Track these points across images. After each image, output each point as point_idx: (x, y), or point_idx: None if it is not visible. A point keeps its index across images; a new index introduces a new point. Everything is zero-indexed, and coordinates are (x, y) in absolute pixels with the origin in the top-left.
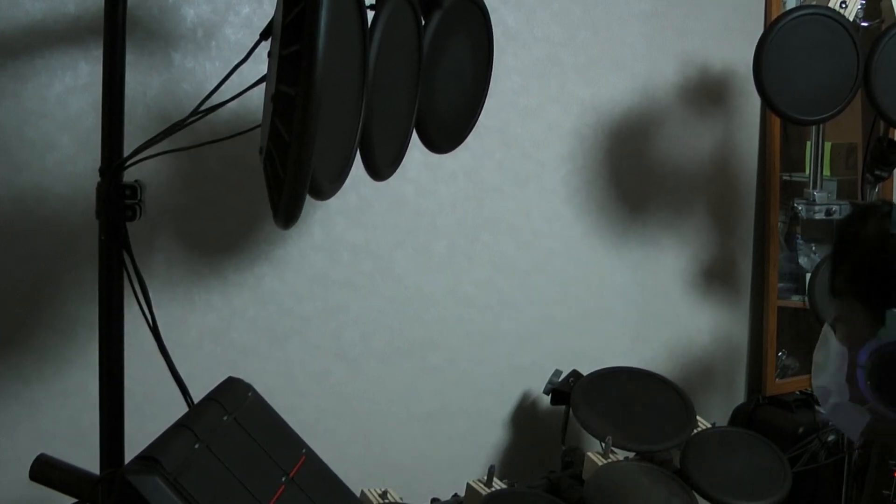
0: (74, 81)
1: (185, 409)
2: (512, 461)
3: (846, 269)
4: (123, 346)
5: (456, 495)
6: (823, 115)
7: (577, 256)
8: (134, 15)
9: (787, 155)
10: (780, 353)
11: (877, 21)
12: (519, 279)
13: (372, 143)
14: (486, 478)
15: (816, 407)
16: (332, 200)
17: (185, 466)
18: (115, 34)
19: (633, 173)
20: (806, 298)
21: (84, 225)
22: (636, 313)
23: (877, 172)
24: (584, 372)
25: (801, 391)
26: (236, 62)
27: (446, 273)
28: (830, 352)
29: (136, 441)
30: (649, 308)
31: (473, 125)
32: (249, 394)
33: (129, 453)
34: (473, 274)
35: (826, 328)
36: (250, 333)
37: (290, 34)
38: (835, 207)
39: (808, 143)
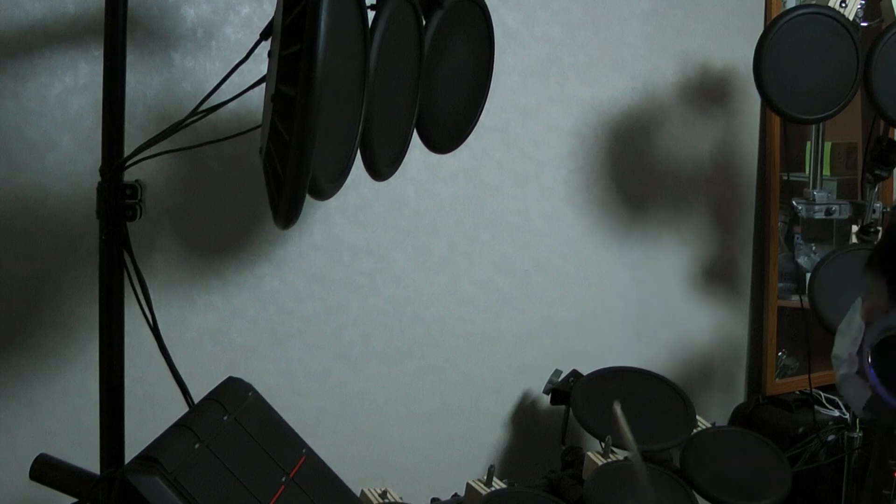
0: (74, 81)
1: (185, 409)
2: (512, 461)
3: (882, 244)
4: (123, 346)
5: (456, 495)
6: (823, 115)
7: (578, 256)
8: (134, 15)
9: (787, 155)
10: (780, 353)
11: (877, 20)
12: (519, 279)
13: (372, 143)
14: (486, 478)
15: (816, 407)
16: (332, 200)
17: (185, 466)
18: (115, 34)
19: (634, 173)
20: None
21: (84, 225)
22: (636, 313)
23: (877, 172)
24: (584, 372)
25: (801, 391)
26: (236, 62)
27: (446, 273)
28: (853, 322)
29: (136, 441)
30: (649, 308)
31: (474, 125)
32: (249, 394)
33: (129, 453)
34: (473, 274)
35: (858, 300)
36: (250, 333)
37: (291, 34)
38: (835, 207)
39: (808, 143)
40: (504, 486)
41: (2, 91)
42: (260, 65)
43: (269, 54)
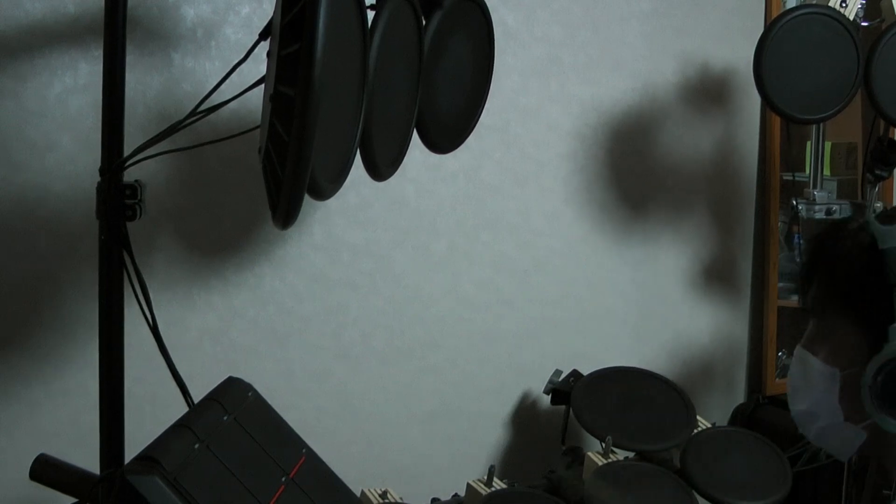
0: (74, 81)
1: (185, 409)
2: (512, 461)
3: (824, 288)
4: (123, 346)
5: (456, 495)
6: (824, 115)
7: (578, 256)
8: (134, 15)
9: (787, 155)
10: (780, 353)
11: (877, 20)
12: (519, 279)
13: (372, 143)
14: (486, 478)
15: None
16: (332, 200)
17: (185, 466)
18: (115, 34)
19: (634, 173)
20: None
21: (84, 225)
22: (636, 313)
23: (877, 172)
24: (584, 372)
25: None
26: (236, 62)
27: (446, 273)
28: (813, 374)
29: (136, 441)
30: (649, 308)
31: (474, 125)
32: (249, 394)
33: (129, 453)
34: (473, 274)
35: (800, 350)
36: (250, 333)
37: (290, 34)
38: (835, 207)
39: (809, 143)
40: (504, 486)
41: (2, 91)
42: (259, 65)
43: (268, 54)
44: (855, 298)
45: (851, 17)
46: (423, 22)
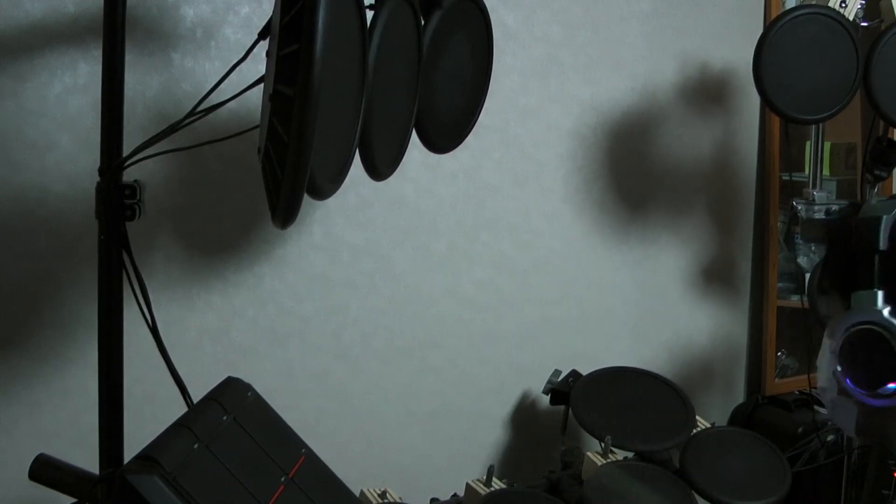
0: (74, 81)
1: (185, 409)
2: (511, 461)
3: (830, 268)
4: (123, 346)
5: (455, 495)
6: (823, 115)
7: (577, 256)
8: (134, 15)
9: (787, 155)
10: (779, 353)
11: (877, 21)
12: (519, 279)
13: (371, 143)
14: (485, 478)
15: (815, 407)
16: (332, 200)
17: (185, 466)
18: (114, 34)
19: (633, 173)
20: (805, 298)
21: (84, 225)
22: (636, 313)
23: (876, 172)
24: (584, 372)
25: (800, 391)
26: (235, 62)
27: (446, 273)
28: (825, 351)
29: (136, 441)
30: (649, 308)
31: (473, 125)
32: (249, 394)
33: (129, 453)
34: (473, 274)
35: (825, 332)
36: (250, 333)
37: (289, 34)
38: (834, 207)
39: (808, 143)
40: (503, 486)
41: (2, 91)
42: (259, 64)
43: (268, 54)
44: (842, 272)
45: (851, 18)
46: (423, 22)
